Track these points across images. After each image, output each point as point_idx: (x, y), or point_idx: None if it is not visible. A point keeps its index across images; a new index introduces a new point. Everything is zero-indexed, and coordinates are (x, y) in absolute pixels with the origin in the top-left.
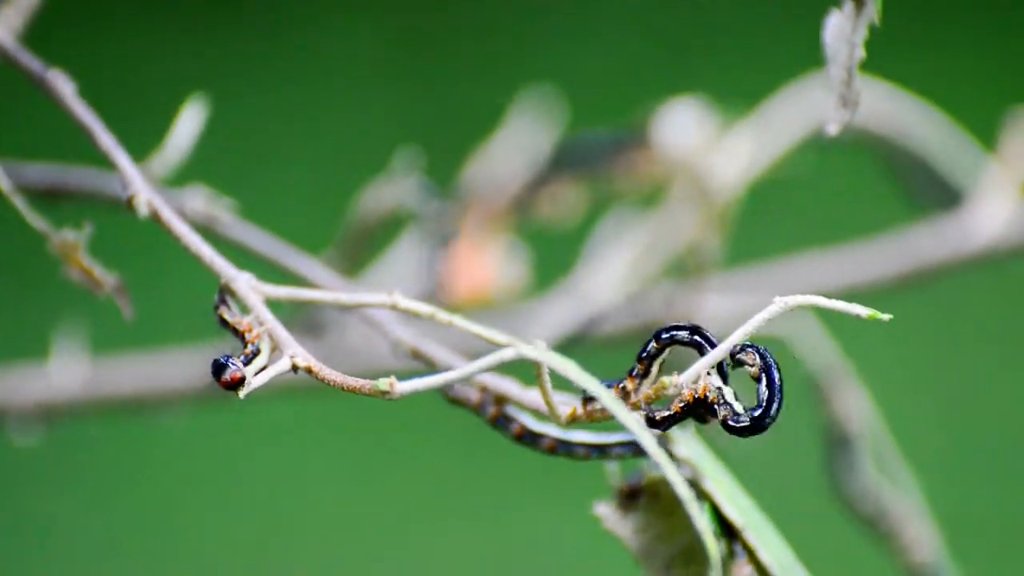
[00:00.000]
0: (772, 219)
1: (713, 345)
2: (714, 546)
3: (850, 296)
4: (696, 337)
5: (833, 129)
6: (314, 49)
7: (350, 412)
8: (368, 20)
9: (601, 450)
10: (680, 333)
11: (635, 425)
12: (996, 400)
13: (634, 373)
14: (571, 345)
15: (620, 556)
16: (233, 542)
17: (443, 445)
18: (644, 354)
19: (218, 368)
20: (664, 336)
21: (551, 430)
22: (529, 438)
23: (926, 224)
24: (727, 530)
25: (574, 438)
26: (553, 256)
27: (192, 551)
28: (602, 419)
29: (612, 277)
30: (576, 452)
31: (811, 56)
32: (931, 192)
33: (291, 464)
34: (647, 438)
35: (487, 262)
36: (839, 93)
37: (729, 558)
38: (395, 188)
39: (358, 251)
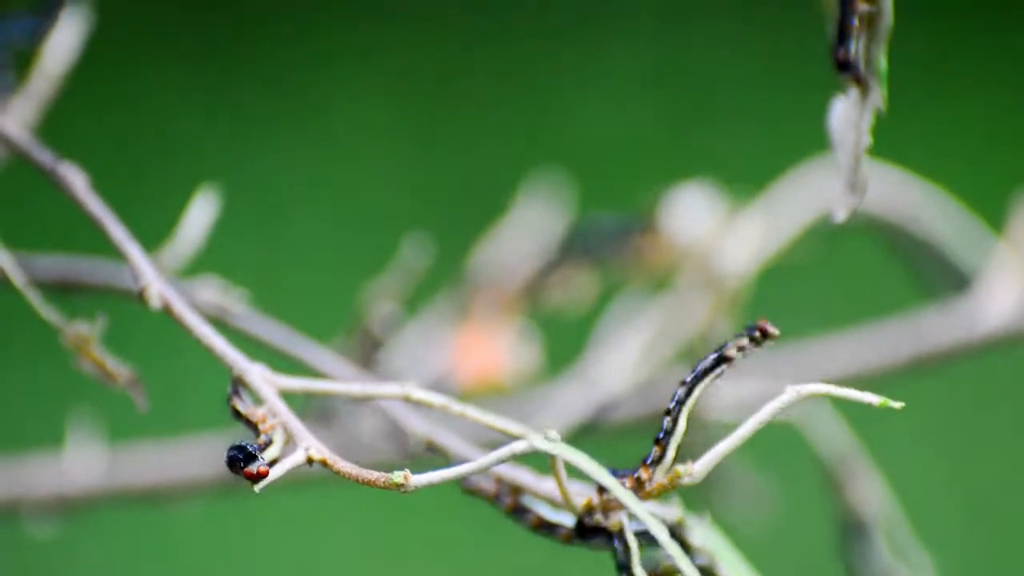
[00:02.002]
0: (782, 304)
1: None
2: None
3: (862, 381)
4: (713, 355)
5: (841, 215)
6: (325, 129)
7: (366, 499)
8: (380, 104)
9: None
10: (695, 374)
11: (647, 517)
12: (1013, 484)
13: (649, 461)
14: (583, 433)
15: None
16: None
17: (460, 533)
18: (660, 435)
19: (243, 458)
20: (676, 397)
21: (568, 520)
22: (546, 528)
23: (936, 308)
24: None
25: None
26: (564, 341)
27: None
28: (617, 509)
29: (623, 363)
30: (593, 540)
31: (821, 129)
32: (940, 276)
33: (308, 554)
34: (659, 529)
35: (497, 347)
36: (846, 179)
37: None
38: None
39: (369, 342)
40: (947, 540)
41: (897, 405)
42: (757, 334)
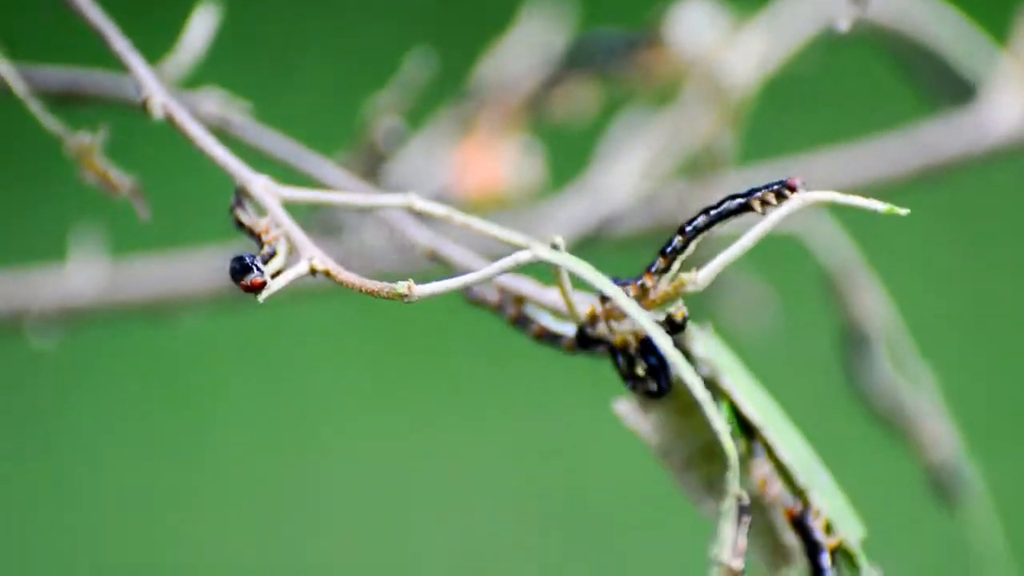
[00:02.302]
0: (786, 116)
1: (753, 192)
2: (731, 447)
3: (865, 192)
4: (741, 199)
5: (844, 25)
6: None
7: (368, 314)
8: None
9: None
10: (720, 209)
11: (650, 325)
12: (1014, 297)
13: (654, 269)
14: (586, 245)
15: (646, 456)
16: (251, 447)
17: (463, 347)
18: (669, 249)
19: (242, 269)
20: (695, 223)
21: (571, 330)
22: (548, 337)
23: (940, 119)
24: (746, 428)
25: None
26: (567, 155)
27: (208, 457)
28: (620, 318)
29: (626, 177)
30: (595, 350)
31: None
32: (945, 87)
33: (311, 369)
34: (662, 339)
35: (500, 161)
36: None
37: (748, 456)
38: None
39: (373, 155)
40: (947, 353)
41: (903, 211)
42: (785, 190)
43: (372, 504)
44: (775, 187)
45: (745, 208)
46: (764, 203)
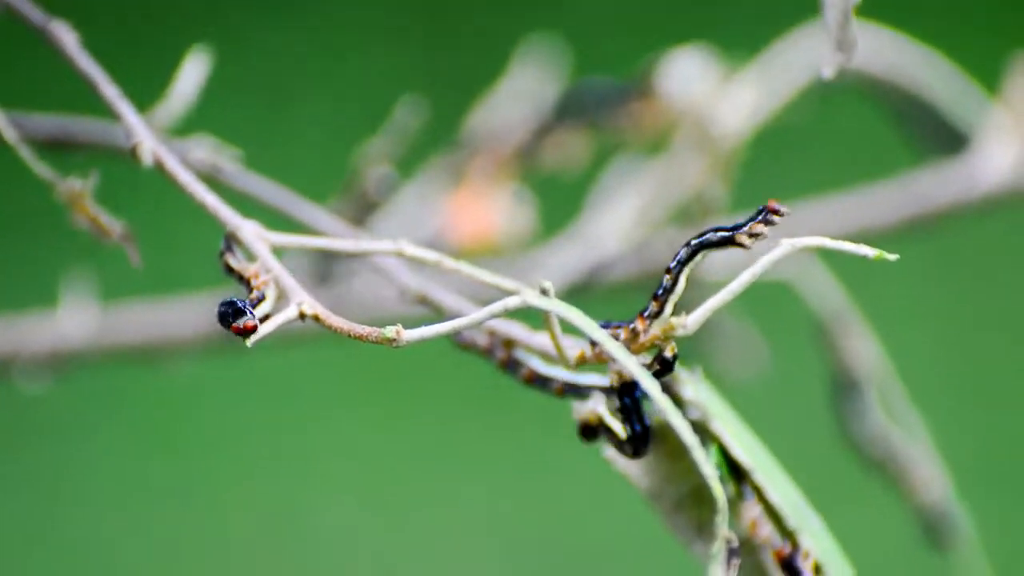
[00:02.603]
0: (776, 166)
1: (737, 227)
2: (720, 492)
3: (856, 240)
4: (719, 232)
5: (829, 72)
6: None
7: (362, 362)
8: None
9: (610, 392)
10: (701, 239)
11: (637, 370)
12: (1004, 344)
13: (646, 313)
14: (576, 292)
15: (634, 500)
16: (242, 491)
17: (454, 393)
18: (659, 292)
19: (233, 313)
20: (678, 256)
21: (560, 373)
22: (539, 381)
23: (931, 169)
24: (735, 471)
25: (583, 381)
26: (558, 204)
27: (200, 501)
28: (610, 361)
29: (617, 225)
30: (585, 395)
31: (814, 3)
32: (935, 137)
33: (301, 415)
34: (650, 383)
35: (492, 209)
36: (835, 37)
37: (738, 499)
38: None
39: (364, 202)
40: (938, 400)
41: (892, 257)
42: (769, 216)
43: (362, 552)
44: (758, 217)
45: (728, 241)
46: (752, 235)
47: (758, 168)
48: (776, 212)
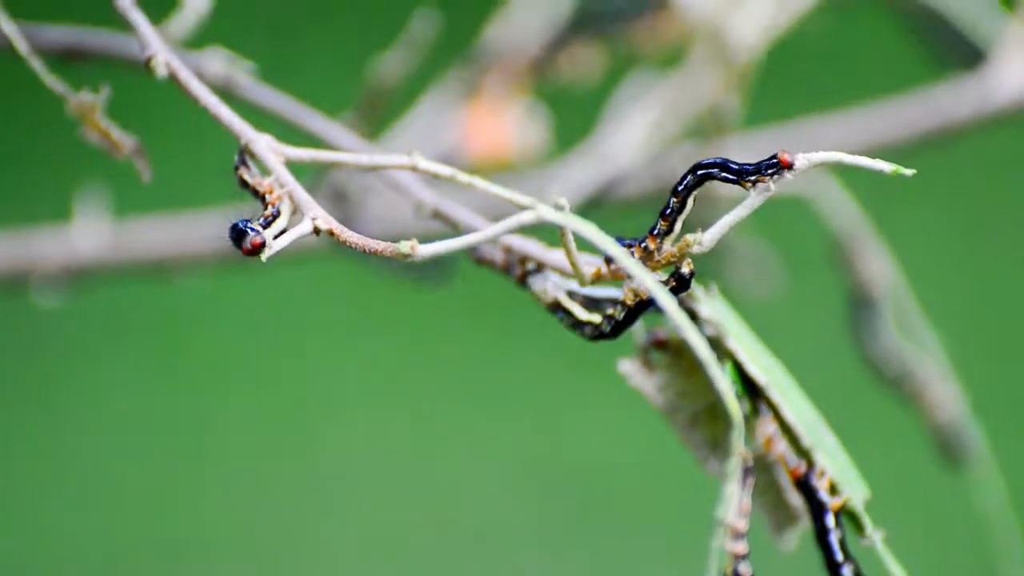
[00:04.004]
0: (793, 80)
1: (744, 172)
2: (736, 408)
3: (873, 156)
4: (725, 171)
5: None
6: None
7: (383, 305)
8: None
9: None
10: (708, 170)
11: (654, 286)
12: (1019, 262)
13: (656, 232)
14: (591, 207)
15: (652, 434)
16: (253, 414)
17: (463, 330)
18: (667, 211)
19: (238, 234)
20: (685, 182)
21: (576, 288)
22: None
23: (948, 83)
24: (750, 388)
25: (598, 294)
26: (573, 118)
27: (209, 418)
28: (627, 278)
29: (632, 139)
30: (604, 308)
31: None
32: (953, 51)
33: (312, 348)
34: (667, 299)
35: (506, 124)
36: None
37: (753, 415)
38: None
39: (377, 115)
40: (953, 317)
41: (909, 172)
42: (780, 169)
43: (370, 482)
44: (767, 167)
45: (733, 182)
46: (755, 184)
47: (773, 82)
48: (789, 167)
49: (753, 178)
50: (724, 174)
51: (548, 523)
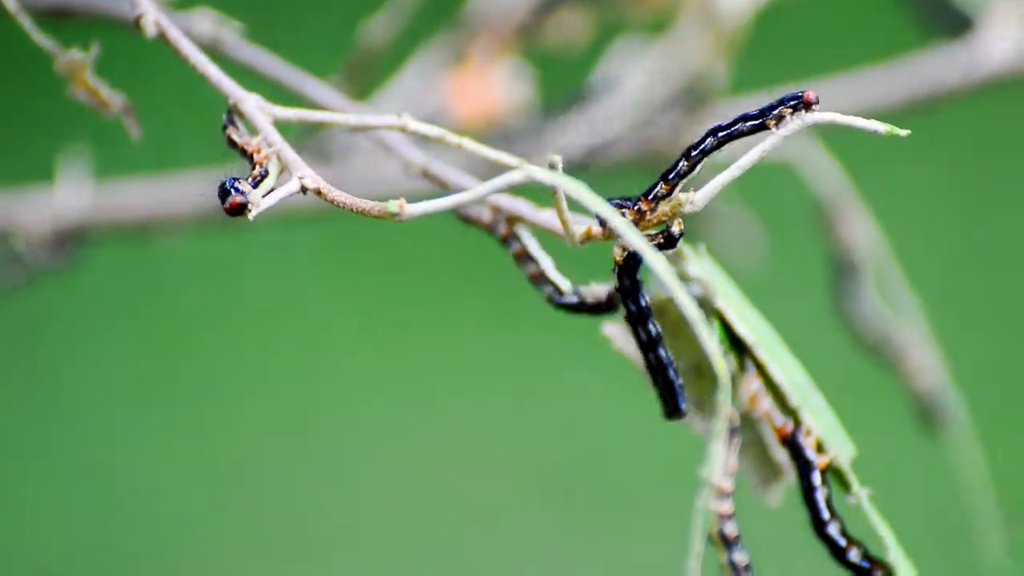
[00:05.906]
0: (780, 45)
1: (767, 110)
2: (723, 367)
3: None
4: (746, 120)
5: None
6: None
7: (375, 275)
8: None
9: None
10: (729, 130)
11: (642, 242)
12: (1001, 228)
13: (655, 194)
14: (579, 170)
15: (646, 413)
16: (245, 379)
17: (463, 304)
18: (672, 174)
19: (223, 193)
20: (703, 145)
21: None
22: (525, 258)
23: (935, 50)
24: (737, 346)
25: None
26: (560, 83)
27: (198, 383)
28: (617, 238)
29: (619, 104)
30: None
31: None
32: (940, 18)
33: (307, 303)
34: (654, 257)
35: (493, 88)
36: None
37: (739, 373)
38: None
39: (366, 77)
40: (935, 283)
41: (903, 133)
42: (800, 104)
43: (367, 461)
44: (791, 102)
45: (759, 128)
46: (779, 120)
47: (760, 48)
48: (810, 104)
49: (776, 112)
50: (746, 124)
51: (548, 505)
